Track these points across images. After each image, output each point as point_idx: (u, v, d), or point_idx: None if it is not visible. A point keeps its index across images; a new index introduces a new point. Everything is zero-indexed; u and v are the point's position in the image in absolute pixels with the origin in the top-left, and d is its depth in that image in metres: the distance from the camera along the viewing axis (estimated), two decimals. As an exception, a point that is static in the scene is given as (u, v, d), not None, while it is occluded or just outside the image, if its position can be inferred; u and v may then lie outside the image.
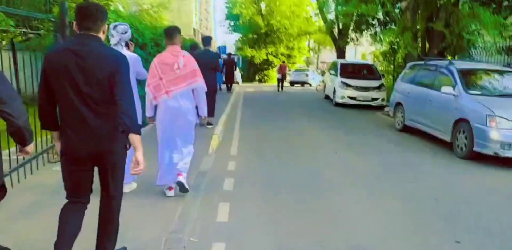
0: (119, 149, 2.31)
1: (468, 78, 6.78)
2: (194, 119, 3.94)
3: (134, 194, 3.83)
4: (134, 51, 4.23)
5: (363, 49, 27.41)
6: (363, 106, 12.50)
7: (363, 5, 10.33)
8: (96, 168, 2.35)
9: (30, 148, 2.34)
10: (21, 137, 2.24)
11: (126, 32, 3.73)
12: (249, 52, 31.62)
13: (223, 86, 16.38)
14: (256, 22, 30.91)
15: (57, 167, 2.89)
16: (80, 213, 2.36)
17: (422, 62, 8.45)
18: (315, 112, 11.59)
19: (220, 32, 65.14)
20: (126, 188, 3.53)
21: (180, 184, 3.80)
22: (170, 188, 3.90)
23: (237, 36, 36.77)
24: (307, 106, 13.21)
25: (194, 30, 58.72)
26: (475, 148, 5.80)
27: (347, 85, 12.75)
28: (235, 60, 17.68)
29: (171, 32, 3.80)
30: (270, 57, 31.58)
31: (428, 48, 10.76)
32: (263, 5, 32.56)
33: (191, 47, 8.33)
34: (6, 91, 2.13)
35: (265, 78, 32.88)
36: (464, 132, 6.11)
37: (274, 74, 32.86)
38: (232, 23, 34.21)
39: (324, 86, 16.00)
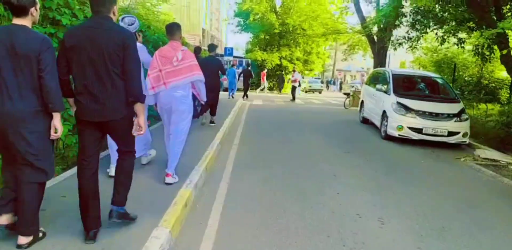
0: (123, 119, 2.69)
1: None
2: (189, 110, 4.17)
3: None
4: (141, 42, 4.54)
5: (397, 56, 22.63)
6: (430, 143, 7.90)
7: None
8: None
9: None
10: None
11: (133, 24, 4.07)
12: (259, 55, 26.86)
13: (235, 93, 16.98)
14: (269, 20, 26.16)
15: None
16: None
17: None
18: (355, 155, 6.91)
19: (229, 32, 59.92)
20: (144, 160, 4.62)
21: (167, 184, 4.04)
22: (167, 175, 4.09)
23: (247, 36, 32.32)
24: (339, 139, 8.52)
25: (204, 30, 54.38)
26: None
27: (407, 109, 8.13)
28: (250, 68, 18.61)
29: (172, 28, 4.17)
30: (284, 62, 26.75)
31: None
32: (278, 2, 27.90)
33: (194, 50, 8.43)
34: None
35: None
36: None
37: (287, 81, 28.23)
38: (242, 21, 29.39)
39: (361, 103, 11.36)
